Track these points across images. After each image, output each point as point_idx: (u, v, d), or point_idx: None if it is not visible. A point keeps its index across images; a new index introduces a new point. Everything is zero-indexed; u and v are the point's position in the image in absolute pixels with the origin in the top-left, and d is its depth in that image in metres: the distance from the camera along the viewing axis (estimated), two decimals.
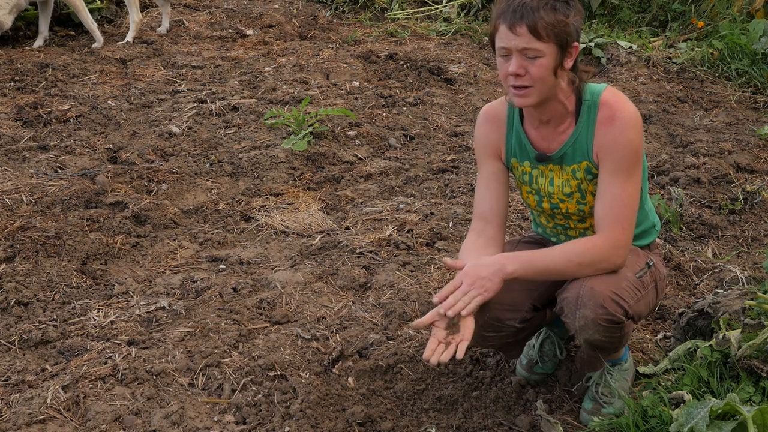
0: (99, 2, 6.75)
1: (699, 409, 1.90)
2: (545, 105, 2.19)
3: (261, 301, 3.03)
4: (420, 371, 2.65)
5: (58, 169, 4.16)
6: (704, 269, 3.26)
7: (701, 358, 2.41)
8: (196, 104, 5.02)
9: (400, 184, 4.10)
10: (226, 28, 6.92)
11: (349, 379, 2.62)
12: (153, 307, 3.00)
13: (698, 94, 5.41)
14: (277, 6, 7.56)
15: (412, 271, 3.23)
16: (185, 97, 5.17)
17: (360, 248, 3.39)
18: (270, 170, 4.21)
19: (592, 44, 6.00)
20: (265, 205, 3.89)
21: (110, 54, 6.03)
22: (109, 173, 4.06)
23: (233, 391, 2.56)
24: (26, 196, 3.78)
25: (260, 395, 2.53)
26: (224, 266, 3.34)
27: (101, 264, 3.35)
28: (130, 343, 2.78)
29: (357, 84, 5.49)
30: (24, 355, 2.75)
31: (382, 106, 5.13)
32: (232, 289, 3.13)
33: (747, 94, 5.38)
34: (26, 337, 2.81)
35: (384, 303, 3.02)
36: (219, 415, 2.47)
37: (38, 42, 6.21)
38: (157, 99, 5.17)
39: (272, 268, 3.30)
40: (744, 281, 3.10)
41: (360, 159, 4.42)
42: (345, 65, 5.80)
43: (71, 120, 4.79)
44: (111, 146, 4.48)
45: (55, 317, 2.96)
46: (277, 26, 6.97)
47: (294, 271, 3.24)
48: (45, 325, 2.88)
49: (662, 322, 2.90)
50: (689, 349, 2.49)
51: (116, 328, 2.87)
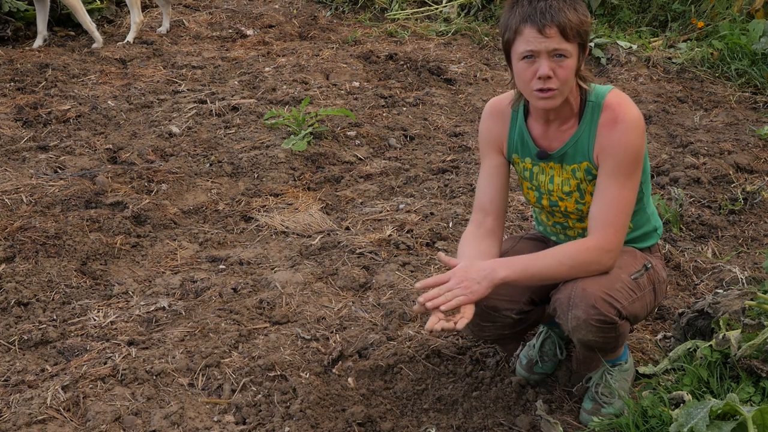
0: (99, 2, 6.75)
1: (699, 409, 1.90)
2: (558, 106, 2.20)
3: (261, 301, 3.03)
4: (420, 371, 2.65)
5: (58, 169, 4.16)
6: (704, 269, 3.26)
7: (701, 358, 2.41)
8: (196, 104, 5.02)
9: (400, 184, 4.10)
10: (226, 28, 6.92)
11: (349, 380, 2.62)
12: (153, 308, 3.01)
13: (698, 94, 5.41)
14: (277, 6, 7.56)
15: (412, 271, 3.23)
16: (185, 97, 5.17)
17: (360, 248, 3.39)
18: (270, 170, 4.21)
19: (592, 44, 6.00)
20: (265, 206, 3.89)
21: (110, 54, 6.03)
22: (109, 173, 4.06)
23: (233, 391, 2.56)
24: (26, 196, 3.78)
25: (260, 395, 2.53)
26: (224, 266, 3.34)
27: (101, 264, 3.35)
28: (130, 344, 2.78)
29: (357, 84, 5.49)
30: (24, 355, 2.75)
31: (382, 106, 5.13)
32: (232, 289, 3.13)
33: (747, 94, 5.38)
34: (26, 338, 2.81)
35: (384, 303, 3.03)
36: (219, 415, 2.47)
37: (38, 42, 6.21)
38: (157, 99, 5.17)
39: (272, 269, 3.30)
40: (744, 281, 3.10)
41: (360, 159, 4.42)
42: (345, 65, 5.80)
43: (71, 120, 4.79)
44: (111, 146, 4.48)
45: (55, 317, 2.96)
46: (277, 26, 6.97)
47: (294, 272, 3.24)
48: (45, 326, 2.88)
49: (662, 322, 2.90)
50: (689, 349, 2.49)
51: (116, 329, 2.87)
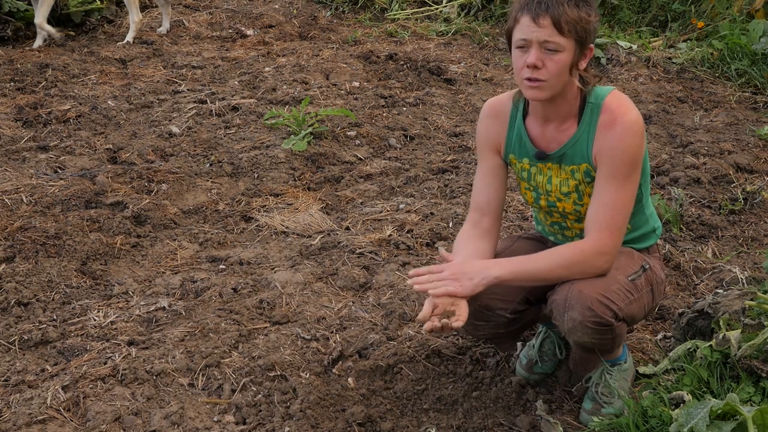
0: (99, 2, 6.75)
1: (699, 409, 1.90)
2: (554, 102, 2.19)
3: (261, 301, 3.03)
4: (420, 371, 2.65)
5: (58, 170, 4.16)
6: (704, 269, 3.26)
7: (701, 358, 2.41)
8: (196, 104, 5.02)
9: (400, 184, 4.10)
10: (226, 28, 6.92)
11: (349, 380, 2.62)
12: (153, 308, 3.00)
13: (698, 95, 5.41)
14: (277, 6, 7.56)
15: (412, 271, 3.23)
16: (185, 97, 5.17)
17: (360, 248, 3.39)
18: (270, 170, 4.21)
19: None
20: (265, 206, 3.89)
21: (110, 54, 6.03)
22: (109, 173, 4.06)
23: (233, 391, 2.56)
24: (26, 196, 3.78)
25: (260, 395, 2.53)
26: (224, 266, 3.34)
27: (101, 264, 3.35)
28: (130, 344, 2.78)
29: (357, 84, 5.49)
30: (24, 355, 2.75)
31: (382, 106, 5.13)
32: (232, 289, 3.13)
33: (747, 94, 5.38)
34: (26, 338, 2.81)
35: (384, 303, 3.03)
36: (219, 415, 2.47)
37: (38, 42, 6.21)
38: (157, 99, 5.17)
39: (272, 269, 3.30)
40: (744, 281, 3.10)
41: (360, 159, 4.42)
42: (345, 65, 5.80)
43: (71, 120, 4.79)
44: (111, 146, 4.48)
45: (55, 317, 2.96)
46: (277, 26, 6.97)
47: (294, 272, 3.24)
48: (45, 326, 2.88)
49: (662, 322, 2.90)
50: (689, 349, 2.49)
51: (116, 329, 2.87)
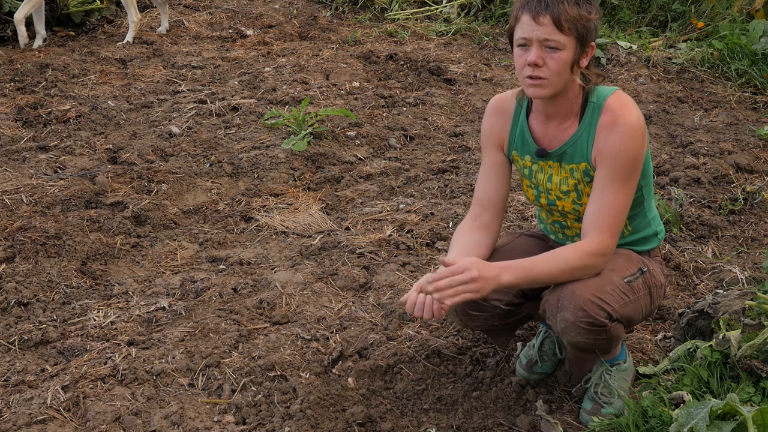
0: (99, 2, 6.75)
1: (699, 409, 1.91)
2: (555, 100, 2.20)
3: (261, 301, 3.03)
4: (420, 371, 2.65)
5: (58, 170, 4.16)
6: (704, 269, 3.26)
7: (701, 358, 2.41)
8: (196, 104, 5.02)
9: (400, 184, 4.10)
10: (226, 28, 6.92)
11: (349, 380, 2.62)
12: (153, 308, 3.00)
13: (698, 95, 5.41)
14: (277, 6, 7.56)
15: (412, 272, 3.23)
16: (185, 97, 5.17)
17: (360, 248, 3.39)
18: (270, 170, 4.21)
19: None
20: (265, 206, 3.89)
21: (110, 54, 6.02)
22: (109, 173, 4.06)
23: (233, 391, 2.56)
24: (26, 197, 3.78)
25: (260, 395, 2.53)
26: (224, 266, 3.34)
27: (101, 264, 3.35)
28: (130, 344, 2.78)
29: (357, 84, 5.49)
30: (24, 355, 2.75)
31: (382, 106, 5.13)
32: (232, 289, 3.13)
33: (747, 94, 5.38)
34: (26, 338, 2.81)
35: (384, 303, 3.03)
36: (219, 415, 2.47)
37: (37, 42, 6.20)
38: (157, 99, 5.17)
39: (272, 269, 3.30)
40: (744, 281, 3.10)
41: (360, 159, 4.42)
42: (345, 65, 5.80)
43: (71, 120, 4.79)
44: (111, 146, 4.48)
45: (55, 317, 2.96)
46: (277, 26, 6.97)
47: (294, 272, 3.24)
48: (45, 326, 2.88)
49: (662, 323, 2.90)
50: (689, 349, 2.49)
51: (116, 329, 2.87)
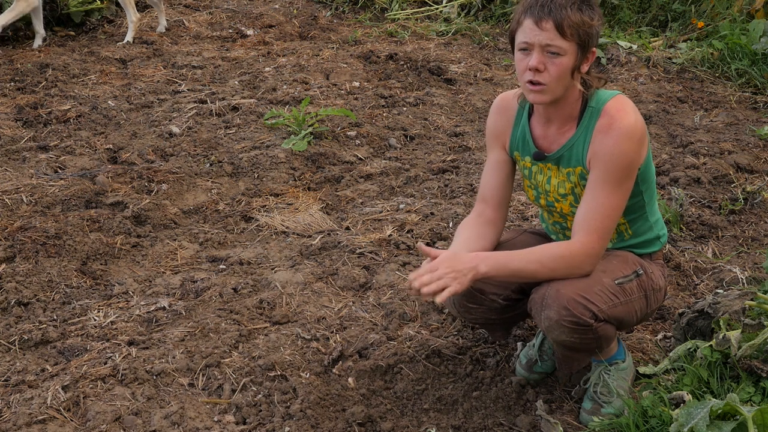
0: (99, 2, 6.74)
1: (699, 409, 1.91)
2: (556, 104, 2.20)
3: (261, 301, 3.03)
4: (420, 371, 2.65)
5: (58, 169, 4.16)
6: (704, 269, 3.26)
7: (701, 358, 2.41)
8: (196, 104, 5.02)
9: (400, 184, 4.10)
10: (226, 28, 6.92)
11: (349, 380, 2.62)
12: (153, 307, 3.00)
13: (698, 95, 5.41)
14: (277, 6, 7.56)
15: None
16: (185, 97, 5.17)
17: (360, 248, 3.39)
18: (270, 170, 4.21)
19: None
20: (265, 206, 3.89)
21: (110, 54, 6.02)
22: (109, 173, 4.06)
23: (233, 391, 2.56)
24: (26, 196, 3.78)
25: (260, 395, 2.53)
26: (224, 266, 3.34)
27: (101, 264, 3.35)
28: (130, 343, 2.78)
29: (357, 84, 5.48)
30: (24, 355, 2.75)
31: (382, 106, 5.13)
32: (232, 289, 3.13)
33: (747, 94, 5.38)
34: (26, 337, 2.81)
35: (384, 303, 3.03)
36: (219, 415, 2.47)
37: (37, 42, 6.20)
38: (157, 99, 5.17)
39: (272, 268, 3.30)
40: (744, 281, 3.10)
41: (360, 159, 4.42)
42: (345, 65, 5.80)
43: (71, 120, 4.79)
44: (111, 146, 4.48)
45: (55, 317, 2.96)
46: (277, 26, 6.96)
47: (294, 272, 3.24)
48: (45, 325, 2.88)
49: (662, 322, 2.90)
50: (689, 349, 2.49)
51: (116, 328, 2.87)
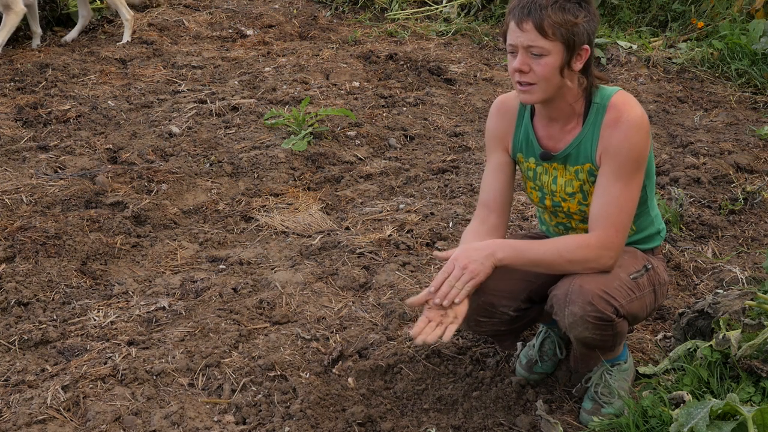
0: (99, 2, 6.74)
1: (699, 409, 1.91)
2: (552, 103, 2.20)
3: (261, 301, 3.03)
4: (420, 371, 2.65)
5: (58, 170, 4.16)
6: (704, 269, 3.26)
7: (701, 358, 2.41)
8: (196, 104, 5.02)
9: (400, 184, 4.10)
10: (226, 28, 6.91)
11: (349, 380, 2.62)
12: (153, 308, 3.01)
13: (698, 94, 5.41)
14: (277, 6, 7.56)
15: (412, 271, 3.23)
16: (185, 97, 5.17)
17: (360, 248, 3.40)
18: (270, 170, 4.21)
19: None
20: (265, 206, 3.89)
21: (110, 54, 6.02)
22: (109, 173, 4.06)
23: (233, 391, 2.56)
24: (26, 196, 3.78)
25: (260, 395, 2.53)
26: (224, 266, 3.34)
27: (101, 264, 3.35)
28: (130, 343, 2.78)
29: (357, 84, 5.48)
30: (24, 355, 2.75)
31: (382, 106, 5.13)
32: (232, 289, 3.13)
33: (747, 94, 5.38)
34: (26, 337, 2.81)
35: (384, 303, 3.03)
36: (219, 415, 2.47)
37: (35, 41, 6.19)
38: (157, 99, 5.17)
39: (272, 269, 3.30)
40: (744, 281, 3.10)
41: (360, 159, 4.42)
42: (345, 65, 5.79)
43: (71, 120, 4.79)
44: (111, 146, 4.48)
45: (55, 317, 2.96)
46: (277, 26, 6.96)
47: (294, 272, 3.24)
48: (45, 325, 2.88)
49: (662, 323, 2.90)
50: (689, 349, 2.49)
51: (116, 329, 2.87)
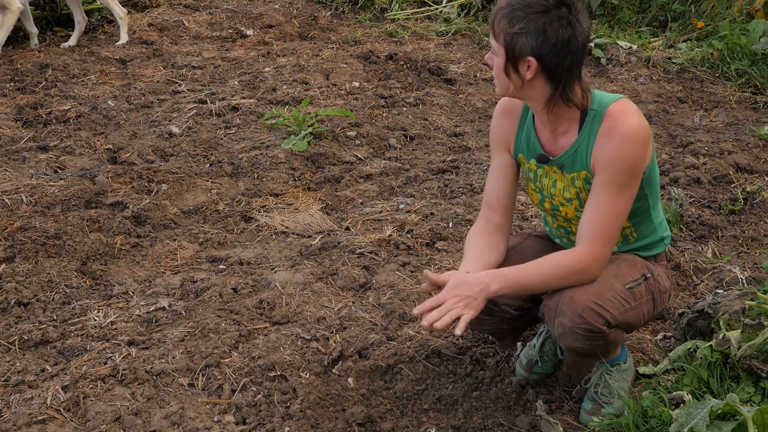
0: (99, 2, 6.74)
1: (699, 409, 1.91)
2: (540, 108, 2.20)
3: (261, 301, 3.03)
4: (420, 371, 2.65)
5: (58, 170, 4.16)
6: (704, 269, 3.26)
7: (701, 358, 2.41)
8: (196, 104, 5.02)
9: (400, 184, 4.10)
10: (226, 28, 6.91)
11: (349, 380, 2.62)
12: (153, 308, 3.01)
13: (698, 95, 5.41)
14: (277, 6, 7.56)
15: (412, 272, 3.23)
16: (185, 97, 5.17)
17: (360, 248, 3.40)
18: (270, 170, 4.21)
19: (592, 44, 5.99)
20: (265, 206, 3.89)
21: (110, 54, 6.02)
22: (109, 173, 4.06)
23: (233, 391, 2.56)
24: (26, 197, 3.78)
25: (260, 395, 2.53)
26: (224, 266, 3.34)
27: (101, 264, 3.35)
28: (130, 344, 2.78)
29: (357, 84, 5.48)
30: (24, 355, 2.75)
31: (382, 106, 5.13)
32: (232, 289, 3.14)
33: (747, 94, 5.38)
34: (26, 338, 2.81)
35: (384, 303, 3.03)
36: (219, 415, 2.47)
37: (33, 41, 6.18)
38: (157, 99, 5.17)
39: (272, 269, 3.30)
40: (744, 281, 3.10)
41: (360, 159, 4.42)
42: (345, 65, 5.80)
43: (71, 120, 4.79)
44: (111, 146, 4.48)
45: (55, 317, 2.96)
46: (277, 26, 6.96)
47: (294, 272, 3.24)
48: (45, 326, 2.88)
49: (662, 323, 2.90)
50: (689, 349, 2.49)
51: (116, 329, 2.87)
